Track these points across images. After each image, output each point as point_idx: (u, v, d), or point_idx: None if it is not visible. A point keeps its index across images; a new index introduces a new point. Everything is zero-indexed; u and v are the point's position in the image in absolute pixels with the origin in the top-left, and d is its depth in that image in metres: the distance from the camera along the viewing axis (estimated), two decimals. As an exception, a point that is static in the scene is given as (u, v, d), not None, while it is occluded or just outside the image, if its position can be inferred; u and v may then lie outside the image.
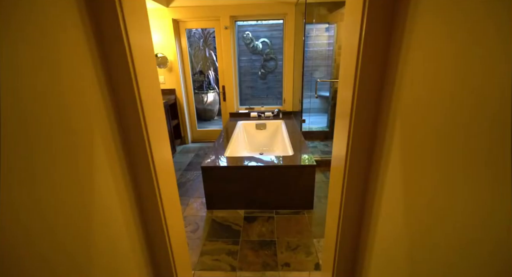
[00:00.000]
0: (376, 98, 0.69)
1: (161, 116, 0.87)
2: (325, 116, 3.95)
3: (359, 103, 0.70)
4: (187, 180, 2.63)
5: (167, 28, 3.18)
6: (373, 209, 0.76)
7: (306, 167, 1.92)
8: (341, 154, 0.80)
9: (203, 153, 3.39)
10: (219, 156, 2.16)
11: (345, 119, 0.75)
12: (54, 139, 0.49)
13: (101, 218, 0.64)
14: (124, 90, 0.70)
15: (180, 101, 3.54)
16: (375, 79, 0.67)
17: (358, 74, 0.67)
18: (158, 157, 0.82)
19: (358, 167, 0.77)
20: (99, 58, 0.65)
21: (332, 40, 4.13)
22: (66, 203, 0.52)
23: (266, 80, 4.87)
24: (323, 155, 3.00)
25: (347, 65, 0.74)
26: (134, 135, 0.75)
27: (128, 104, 0.71)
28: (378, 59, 0.65)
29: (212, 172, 1.98)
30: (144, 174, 0.79)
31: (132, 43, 0.69)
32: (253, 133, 3.32)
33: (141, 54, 0.74)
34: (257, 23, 4.60)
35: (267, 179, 1.97)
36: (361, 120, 0.71)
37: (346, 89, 0.75)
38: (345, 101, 0.75)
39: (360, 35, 0.65)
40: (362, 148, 0.75)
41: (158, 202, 0.84)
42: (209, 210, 2.09)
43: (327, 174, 2.63)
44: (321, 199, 2.17)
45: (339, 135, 0.82)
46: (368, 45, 0.64)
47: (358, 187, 0.80)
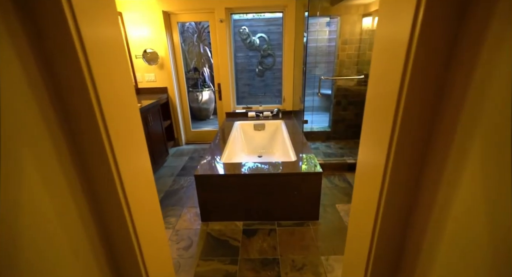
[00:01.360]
0: (435, 95, 0.49)
1: (134, 120, 0.66)
2: (327, 115, 3.76)
3: (411, 101, 0.49)
4: (180, 187, 2.42)
5: (157, 21, 2.93)
6: (426, 231, 0.56)
7: (311, 175, 1.73)
8: (376, 162, 0.60)
9: (197, 156, 3.17)
10: (215, 162, 1.95)
11: (384, 120, 0.55)
12: None
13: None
14: (73, 91, 0.50)
15: (173, 100, 3.31)
16: (434, 75, 0.47)
17: (410, 63, 0.47)
18: (128, 169, 0.62)
19: (404, 179, 0.57)
20: (31, 54, 0.45)
21: (334, 35, 3.93)
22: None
23: (264, 77, 4.65)
24: (326, 157, 2.81)
25: (389, 52, 0.54)
26: (89, 144, 0.54)
27: (80, 107, 0.51)
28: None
29: (206, 181, 1.78)
30: (107, 194, 0.59)
31: (85, 35, 0.49)
32: (251, 134, 3.12)
33: (101, 49, 0.54)
34: (254, 17, 4.37)
35: (267, 187, 1.78)
36: (412, 121, 0.51)
37: (385, 82, 0.55)
38: (384, 97, 0.55)
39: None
40: (411, 156, 0.55)
41: (129, 230, 0.63)
42: (204, 222, 1.89)
43: (331, 179, 2.44)
44: (326, 209, 1.99)
45: (372, 138, 0.62)
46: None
47: (401, 202, 0.60)
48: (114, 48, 0.59)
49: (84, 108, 0.51)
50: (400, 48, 0.48)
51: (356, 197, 0.76)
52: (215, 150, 2.24)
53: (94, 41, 0.51)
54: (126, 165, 0.60)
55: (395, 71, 0.50)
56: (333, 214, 1.92)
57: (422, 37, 0.44)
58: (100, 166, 0.56)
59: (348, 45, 3.01)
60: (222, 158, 2.08)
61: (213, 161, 1.98)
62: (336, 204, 2.04)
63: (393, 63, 0.51)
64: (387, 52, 0.54)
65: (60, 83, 0.50)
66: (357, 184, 0.75)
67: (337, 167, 2.60)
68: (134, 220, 0.64)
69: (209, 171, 1.80)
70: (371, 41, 2.97)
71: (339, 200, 2.09)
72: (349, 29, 2.97)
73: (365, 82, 3.13)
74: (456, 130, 0.46)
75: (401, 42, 0.48)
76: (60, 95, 0.50)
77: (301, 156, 1.99)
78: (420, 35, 0.44)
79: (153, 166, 2.63)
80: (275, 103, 3.57)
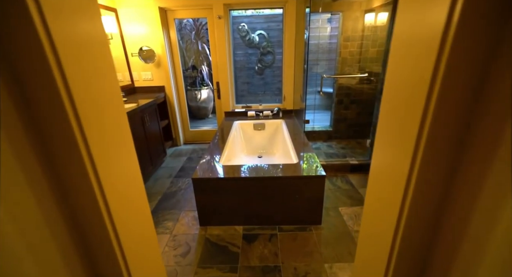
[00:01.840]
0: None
1: (119, 124, 0.58)
2: (328, 113, 3.69)
3: (445, 94, 0.42)
4: (178, 189, 2.35)
5: (153, 18, 2.84)
6: (462, 244, 0.49)
7: (313, 178, 1.66)
8: (398, 166, 0.52)
9: (196, 157, 3.10)
10: (213, 164, 1.88)
11: (410, 116, 0.47)
12: None
13: None
14: (40, 91, 0.42)
15: (170, 99, 3.23)
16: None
17: (443, 59, 0.40)
18: (111, 179, 0.54)
19: (433, 186, 0.49)
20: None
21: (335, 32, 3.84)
22: None
23: (263, 75, 4.57)
24: (327, 158, 2.74)
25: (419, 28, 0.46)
26: (63, 150, 0.47)
27: (47, 108, 0.44)
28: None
29: (204, 184, 1.71)
30: (87, 210, 0.51)
31: (54, 30, 0.41)
32: (251, 134, 3.05)
33: (75, 46, 0.46)
34: (253, 14, 4.28)
35: (268, 191, 1.71)
36: (446, 118, 0.43)
37: (410, 79, 0.47)
38: (409, 95, 0.47)
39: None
40: (442, 160, 0.47)
41: (114, 251, 0.56)
42: (202, 227, 1.83)
43: (333, 181, 2.38)
44: (329, 212, 1.92)
45: (392, 136, 0.54)
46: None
47: (429, 213, 0.53)
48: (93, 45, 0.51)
49: (51, 106, 0.43)
50: (430, 44, 0.40)
51: (370, 201, 0.68)
52: (213, 151, 2.17)
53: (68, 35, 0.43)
54: (107, 176, 0.52)
55: (424, 68, 0.43)
56: (336, 218, 1.86)
57: (461, 31, 0.36)
58: (78, 179, 0.49)
59: (351, 42, 2.93)
60: (221, 160, 2.01)
61: (212, 163, 1.91)
62: (339, 207, 1.98)
63: (420, 60, 0.44)
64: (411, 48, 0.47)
65: (17, 78, 0.42)
66: (372, 186, 0.67)
67: (340, 168, 2.53)
68: (123, 245, 0.57)
69: (207, 174, 1.73)
70: (374, 38, 2.88)
71: (342, 203, 2.02)
72: (351, 26, 2.89)
73: (367, 80, 3.06)
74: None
75: (432, 37, 0.40)
76: (21, 92, 0.43)
77: (302, 158, 1.92)
78: (458, 28, 0.36)
79: (150, 167, 2.56)
80: (275, 102, 3.50)
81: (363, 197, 2.09)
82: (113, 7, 2.76)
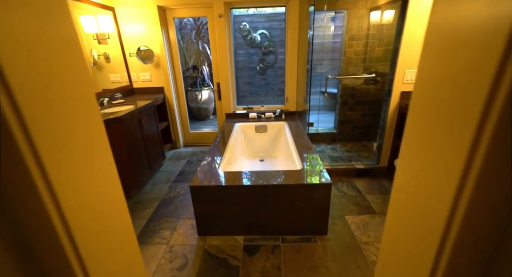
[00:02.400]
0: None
1: (91, 139, 0.48)
2: (331, 115, 3.58)
3: None
4: (176, 195, 2.26)
5: (152, 17, 2.75)
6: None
7: (318, 186, 1.55)
8: (437, 186, 0.40)
9: (196, 160, 3.01)
10: (212, 170, 1.79)
11: (461, 119, 0.36)
12: None
13: None
14: None
15: (170, 101, 3.14)
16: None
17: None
18: (77, 204, 0.44)
19: (493, 214, 0.38)
20: None
21: (339, 30, 3.73)
22: None
23: (265, 75, 4.47)
24: (332, 162, 2.63)
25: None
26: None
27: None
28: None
29: (203, 192, 1.61)
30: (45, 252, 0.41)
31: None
32: (252, 136, 2.95)
33: (18, 43, 0.36)
34: (255, 13, 4.18)
35: (270, 199, 1.61)
36: None
37: (459, 81, 0.36)
38: (457, 99, 0.36)
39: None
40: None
41: None
42: (200, 237, 1.73)
43: (339, 187, 2.27)
44: (335, 221, 1.82)
45: (428, 146, 0.41)
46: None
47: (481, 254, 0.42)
48: (57, 46, 0.41)
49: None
50: (494, 38, 0.30)
51: (395, 213, 0.57)
52: (214, 154, 2.07)
53: (12, 29, 0.33)
54: (70, 199, 0.42)
55: (482, 65, 0.32)
56: (343, 227, 1.75)
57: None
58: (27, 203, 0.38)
59: (356, 41, 2.82)
60: (222, 164, 1.91)
61: (211, 168, 1.81)
62: (345, 215, 1.87)
63: (477, 55, 0.33)
64: (461, 45, 0.36)
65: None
66: (398, 207, 0.55)
67: (345, 172, 2.43)
68: None
69: (206, 181, 1.63)
70: (380, 36, 2.77)
71: (348, 211, 1.92)
72: (356, 24, 2.78)
73: (373, 80, 2.94)
74: None
75: (497, 29, 0.29)
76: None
77: (307, 164, 1.82)
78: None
79: (148, 171, 2.47)
80: (277, 103, 3.39)
81: (370, 205, 1.99)
82: (110, 5, 2.67)
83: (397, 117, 2.18)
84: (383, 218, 1.83)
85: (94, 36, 2.49)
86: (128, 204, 2.15)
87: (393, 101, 2.14)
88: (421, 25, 1.89)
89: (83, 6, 2.40)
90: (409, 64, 2.01)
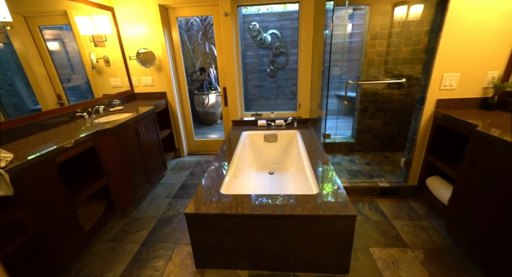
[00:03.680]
0: None
1: None
2: (348, 120, 3.26)
3: None
4: (175, 214, 2.02)
5: (153, 17, 2.55)
6: None
7: (340, 219, 1.27)
8: None
9: (200, 171, 2.78)
10: (213, 190, 1.53)
11: None
12: None
13: None
14: None
15: (173, 107, 2.93)
16: None
17: None
18: None
19: None
20: None
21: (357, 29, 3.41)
22: None
23: (276, 78, 4.21)
24: (351, 177, 2.33)
25: None
26: None
27: None
28: None
29: (200, 221, 1.36)
30: None
31: None
32: (261, 146, 2.68)
33: None
34: (265, 12, 3.93)
35: (281, 229, 1.34)
36: None
37: None
38: None
39: None
40: None
41: None
42: (199, 269, 1.48)
43: (359, 208, 1.97)
44: (357, 254, 1.52)
45: None
46: None
47: None
48: None
49: None
50: None
51: None
52: (218, 168, 1.82)
53: None
54: None
55: None
56: (368, 263, 1.46)
57: None
58: None
59: (379, 40, 2.50)
60: (227, 176, 1.67)
61: (212, 187, 1.56)
62: (370, 247, 1.57)
63: None
64: None
65: None
66: None
67: (367, 191, 2.12)
68: None
69: (205, 206, 1.38)
70: (407, 35, 2.44)
71: (373, 242, 1.62)
72: (380, 21, 2.46)
73: (398, 84, 2.61)
74: None
75: None
76: None
77: (324, 186, 1.53)
78: None
79: (146, 185, 2.25)
80: (289, 110, 3.11)
81: (399, 234, 1.67)
82: (109, 5, 2.49)
83: (431, 129, 1.86)
84: (417, 254, 1.52)
85: (90, 38, 2.31)
86: (123, 224, 1.94)
87: (426, 110, 1.82)
88: (466, 19, 1.56)
89: (81, 7, 2.22)
90: (448, 67, 1.68)
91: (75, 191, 1.66)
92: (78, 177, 1.82)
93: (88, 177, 1.81)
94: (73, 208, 1.54)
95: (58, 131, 1.75)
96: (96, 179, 1.80)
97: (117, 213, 1.99)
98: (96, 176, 1.82)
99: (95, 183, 1.77)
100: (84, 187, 1.71)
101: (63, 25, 2.16)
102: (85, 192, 1.67)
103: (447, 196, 1.69)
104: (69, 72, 2.20)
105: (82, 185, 1.73)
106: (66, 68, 2.17)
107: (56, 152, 1.40)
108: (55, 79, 2.02)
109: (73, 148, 1.52)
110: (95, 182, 1.77)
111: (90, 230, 1.68)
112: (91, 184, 1.74)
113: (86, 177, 1.82)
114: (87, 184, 1.74)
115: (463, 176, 1.47)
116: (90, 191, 1.71)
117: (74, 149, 1.54)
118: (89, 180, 1.78)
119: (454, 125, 1.62)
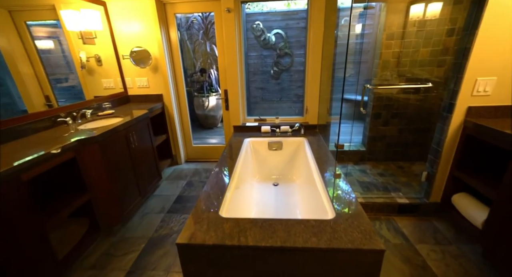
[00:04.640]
0: None
1: None
2: (358, 125, 3.04)
3: None
4: (168, 232, 1.80)
5: (149, 13, 2.34)
6: None
7: (366, 254, 1.04)
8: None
9: (198, 181, 2.56)
10: (211, 211, 1.31)
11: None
12: None
13: None
14: None
15: (170, 110, 2.71)
16: None
17: None
18: None
19: None
20: None
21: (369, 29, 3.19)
22: None
23: (280, 79, 4.00)
24: (364, 190, 2.10)
25: None
26: None
27: None
28: None
29: (195, 254, 1.14)
30: None
31: None
32: (265, 154, 2.47)
33: None
34: (269, 11, 3.73)
35: (293, 264, 1.12)
36: None
37: None
38: None
39: None
40: None
41: None
42: (193, 306, 1.25)
43: (377, 228, 1.74)
44: (380, 289, 1.29)
45: None
46: None
47: None
48: None
49: None
50: None
51: None
52: (217, 181, 1.61)
53: None
54: None
55: None
56: (393, 302, 1.23)
57: None
58: None
59: (395, 40, 2.29)
60: (227, 193, 1.45)
61: (210, 207, 1.34)
62: (393, 280, 1.35)
63: None
64: None
65: None
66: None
67: (383, 207, 1.89)
68: None
69: (200, 234, 1.16)
70: (427, 35, 2.23)
71: (397, 272, 1.39)
72: (397, 20, 2.25)
73: (414, 89, 2.40)
74: None
75: None
76: None
77: (340, 211, 1.31)
78: None
79: (138, 198, 2.03)
80: (294, 114, 2.90)
81: (426, 262, 1.45)
82: (102, 0, 2.28)
83: (459, 140, 1.63)
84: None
85: (78, 34, 2.10)
86: (108, 245, 1.70)
87: (455, 118, 1.60)
88: (506, 17, 1.35)
89: (70, 1, 2.02)
90: (483, 70, 1.46)
91: (53, 209, 1.44)
92: (60, 190, 1.60)
93: (70, 192, 1.59)
94: (44, 234, 1.31)
95: (32, 140, 1.53)
96: (78, 194, 1.58)
97: (102, 232, 1.76)
98: (78, 190, 1.60)
99: (78, 198, 1.55)
100: (65, 204, 1.49)
101: (51, 21, 1.96)
102: (65, 210, 1.45)
103: (480, 218, 1.47)
104: (58, 71, 1.99)
105: (62, 201, 1.51)
106: (55, 67, 1.96)
107: (22, 168, 1.18)
108: (43, 79, 1.82)
109: (45, 161, 1.30)
110: (78, 198, 1.55)
111: (67, 256, 1.46)
112: (73, 200, 1.52)
113: (67, 191, 1.60)
114: (69, 199, 1.52)
115: (505, 196, 1.25)
116: (71, 208, 1.49)
117: (47, 162, 1.32)
118: (71, 196, 1.56)
119: (491, 137, 1.40)
